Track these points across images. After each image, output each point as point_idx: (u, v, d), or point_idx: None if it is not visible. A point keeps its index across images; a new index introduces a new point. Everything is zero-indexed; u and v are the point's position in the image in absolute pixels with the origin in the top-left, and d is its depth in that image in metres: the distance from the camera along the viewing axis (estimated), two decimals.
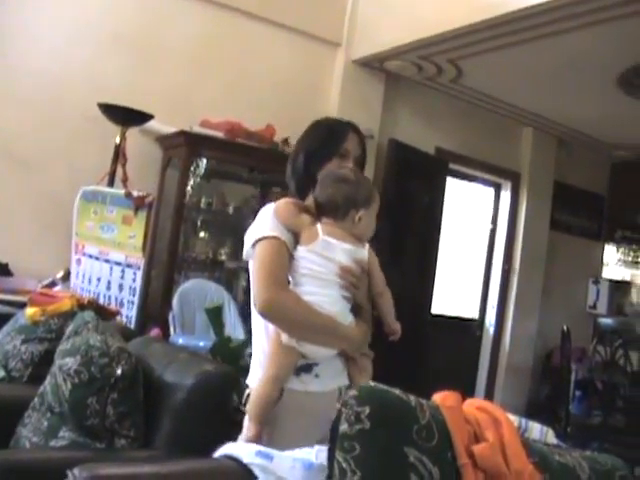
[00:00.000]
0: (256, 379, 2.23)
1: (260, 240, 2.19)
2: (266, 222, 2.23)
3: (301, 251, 2.18)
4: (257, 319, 2.27)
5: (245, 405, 2.22)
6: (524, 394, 8.04)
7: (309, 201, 2.32)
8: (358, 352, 2.27)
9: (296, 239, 2.20)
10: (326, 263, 2.16)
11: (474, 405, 1.58)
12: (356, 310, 2.25)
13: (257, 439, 2.04)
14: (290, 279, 2.18)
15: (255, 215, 2.32)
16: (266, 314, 2.14)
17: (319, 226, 2.19)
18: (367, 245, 2.28)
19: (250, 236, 2.25)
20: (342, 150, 2.38)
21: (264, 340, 2.25)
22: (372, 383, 1.40)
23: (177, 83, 5.87)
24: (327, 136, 2.44)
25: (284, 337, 2.13)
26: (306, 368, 2.18)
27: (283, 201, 2.27)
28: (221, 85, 6.07)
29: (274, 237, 2.18)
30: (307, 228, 2.19)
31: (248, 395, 2.24)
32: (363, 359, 2.29)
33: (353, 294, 2.21)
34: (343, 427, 1.32)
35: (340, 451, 1.31)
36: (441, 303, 7.56)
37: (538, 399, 8.02)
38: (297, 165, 2.43)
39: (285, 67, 6.40)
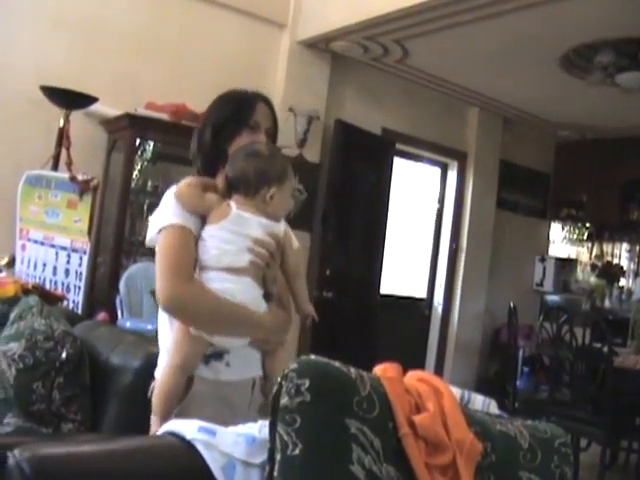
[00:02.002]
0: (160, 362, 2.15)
1: (163, 229, 2.06)
2: (169, 208, 2.09)
3: (209, 230, 2.05)
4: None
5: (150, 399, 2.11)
6: (473, 371, 8.14)
7: (219, 180, 2.20)
8: (277, 342, 2.17)
9: (203, 221, 2.08)
10: (237, 239, 2.04)
11: (415, 377, 1.60)
12: (270, 296, 2.14)
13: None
14: (197, 265, 2.06)
15: None
16: (170, 311, 2.05)
17: (231, 202, 2.08)
18: (284, 222, 2.17)
19: (153, 223, 2.12)
20: (251, 122, 2.23)
21: (169, 329, 2.13)
22: (312, 356, 1.41)
23: (121, 65, 5.80)
24: (235, 108, 2.27)
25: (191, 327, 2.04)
26: (216, 356, 2.07)
27: (184, 183, 2.14)
28: (166, 67, 6.01)
29: (177, 225, 2.05)
30: (216, 206, 2.07)
31: (153, 388, 2.12)
32: (279, 350, 2.18)
33: (265, 273, 2.08)
34: (284, 400, 1.32)
35: (281, 424, 1.31)
36: (389, 283, 7.61)
37: (487, 376, 8.13)
38: (204, 141, 2.27)
39: (230, 48, 6.36)
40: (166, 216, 2.08)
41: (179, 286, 2.01)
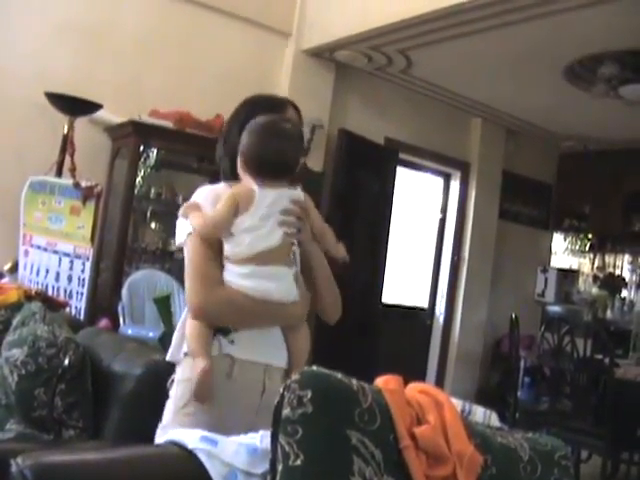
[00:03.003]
0: (179, 350, 2.16)
1: (189, 234, 2.10)
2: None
3: (239, 224, 2.04)
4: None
5: (169, 389, 2.15)
6: (474, 382, 8.13)
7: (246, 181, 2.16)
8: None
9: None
10: (267, 220, 2.05)
11: (416, 388, 1.60)
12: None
13: (209, 373, 1.97)
14: (230, 259, 2.07)
15: None
16: (198, 318, 2.06)
17: (254, 186, 2.07)
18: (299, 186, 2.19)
19: (182, 226, 2.15)
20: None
21: None
22: (314, 367, 1.42)
23: (126, 73, 5.82)
24: (266, 110, 2.23)
25: None
26: (224, 331, 2.08)
27: (203, 196, 2.20)
28: (170, 75, 6.03)
29: None
30: (241, 197, 2.06)
31: (172, 380, 2.15)
32: (301, 326, 2.20)
33: (298, 241, 2.14)
34: (286, 411, 1.33)
35: (283, 435, 1.32)
36: (391, 293, 7.61)
37: (488, 386, 8.11)
38: (231, 141, 2.24)
39: (235, 57, 6.38)
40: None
41: (207, 295, 2.05)
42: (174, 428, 1.92)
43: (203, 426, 1.75)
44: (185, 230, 2.12)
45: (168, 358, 2.21)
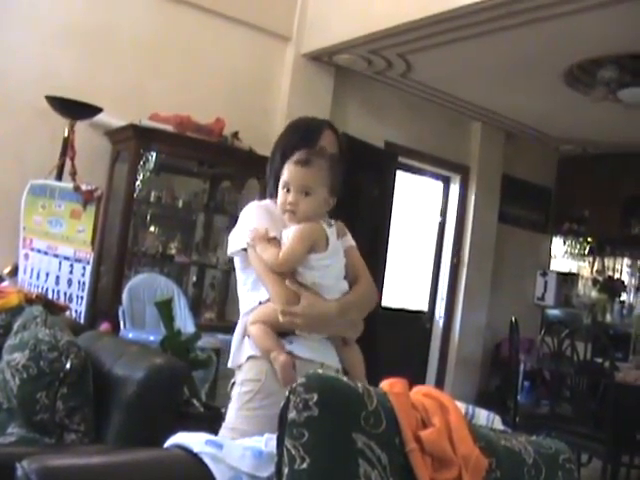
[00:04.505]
0: (241, 355, 2.30)
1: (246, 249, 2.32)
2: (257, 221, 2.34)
3: (315, 260, 2.27)
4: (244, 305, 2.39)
5: (230, 392, 2.31)
6: (474, 385, 8.13)
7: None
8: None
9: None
10: (337, 258, 2.33)
11: (421, 392, 1.60)
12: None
13: (290, 362, 2.15)
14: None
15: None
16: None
17: (325, 226, 2.34)
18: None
19: (237, 239, 2.37)
20: (317, 148, 2.40)
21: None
22: (320, 371, 1.42)
23: (127, 76, 5.82)
24: (302, 134, 2.46)
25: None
26: (281, 334, 2.24)
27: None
28: (171, 79, 6.03)
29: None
30: (317, 237, 2.29)
31: (233, 383, 2.30)
32: (352, 344, 2.43)
33: None
34: (291, 414, 1.33)
35: (289, 438, 1.32)
36: (391, 296, 7.61)
37: (488, 390, 8.11)
38: (274, 165, 2.43)
39: (235, 61, 6.38)
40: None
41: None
42: (239, 424, 2.19)
43: (265, 420, 2.04)
44: (239, 244, 2.33)
45: (230, 365, 2.35)
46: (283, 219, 2.30)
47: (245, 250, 2.31)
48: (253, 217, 2.38)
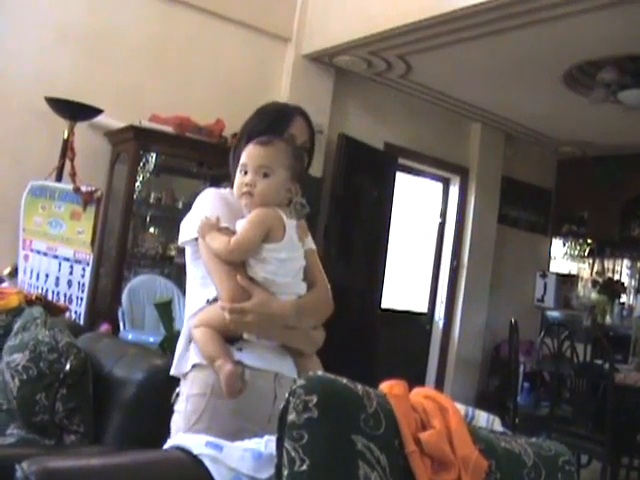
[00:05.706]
0: (185, 363, 2.10)
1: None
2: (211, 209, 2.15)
3: (271, 251, 2.04)
4: (191, 303, 2.18)
5: (174, 405, 2.09)
6: (473, 387, 8.13)
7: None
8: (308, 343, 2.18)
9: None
10: (295, 254, 2.11)
11: (421, 394, 1.60)
12: None
13: (237, 372, 1.93)
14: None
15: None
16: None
17: (282, 215, 2.08)
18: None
19: (188, 228, 2.18)
20: (286, 135, 2.22)
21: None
22: (320, 372, 1.42)
23: (126, 78, 5.82)
24: (271, 120, 2.26)
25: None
26: (230, 340, 2.03)
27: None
28: (170, 80, 6.03)
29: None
30: (273, 224, 2.06)
31: (177, 394, 2.10)
32: (311, 356, 2.19)
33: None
34: (291, 416, 1.33)
35: (289, 440, 1.32)
36: (391, 297, 7.61)
37: (487, 391, 8.11)
38: (238, 153, 2.19)
39: (235, 62, 6.39)
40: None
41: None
42: None
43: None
44: (190, 233, 2.12)
45: (173, 372, 2.14)
46: (242, 211, 2.10)
47: (197, 240, 2.11)
48: (207, 205, 2.19)
